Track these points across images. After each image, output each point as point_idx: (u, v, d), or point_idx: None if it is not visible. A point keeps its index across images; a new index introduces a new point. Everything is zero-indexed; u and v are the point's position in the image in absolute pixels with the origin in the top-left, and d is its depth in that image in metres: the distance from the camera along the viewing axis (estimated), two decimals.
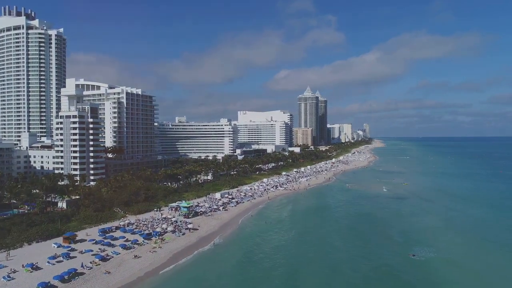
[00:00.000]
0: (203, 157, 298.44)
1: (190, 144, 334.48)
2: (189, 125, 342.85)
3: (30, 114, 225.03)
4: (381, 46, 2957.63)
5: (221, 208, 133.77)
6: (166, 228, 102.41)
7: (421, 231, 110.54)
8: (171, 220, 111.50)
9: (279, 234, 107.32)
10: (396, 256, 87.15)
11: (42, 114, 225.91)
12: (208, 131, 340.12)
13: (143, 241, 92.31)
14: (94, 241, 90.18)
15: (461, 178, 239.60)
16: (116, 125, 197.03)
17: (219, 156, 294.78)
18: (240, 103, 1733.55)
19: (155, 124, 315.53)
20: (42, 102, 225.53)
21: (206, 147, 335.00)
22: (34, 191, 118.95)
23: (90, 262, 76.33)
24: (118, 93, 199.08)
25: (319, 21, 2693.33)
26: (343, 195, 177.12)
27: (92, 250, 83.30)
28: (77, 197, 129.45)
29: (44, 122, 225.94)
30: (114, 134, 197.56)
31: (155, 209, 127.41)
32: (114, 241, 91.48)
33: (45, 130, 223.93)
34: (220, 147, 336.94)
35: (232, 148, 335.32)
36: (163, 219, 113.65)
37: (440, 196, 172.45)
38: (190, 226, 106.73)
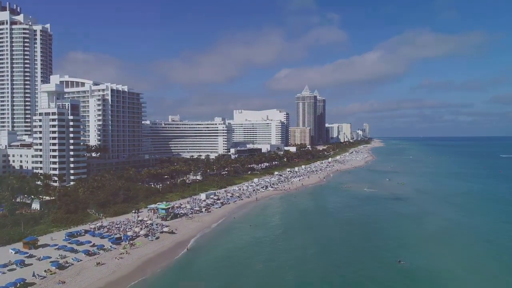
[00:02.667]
0: (196, 157, 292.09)
1: (183, 144, 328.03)
2: (182, 124, 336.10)
3: (14, 111, 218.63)
4: (383, 45, 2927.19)
5: (203, 209, 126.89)
6: (139, 232, 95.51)
7: (411, 235, 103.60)
8: (146, 223, 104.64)
9: (261, 240, 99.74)
10: (382, 262, 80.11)
11: (26, 111, 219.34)
12: (201, 130, 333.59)
13: (110, 246, 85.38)
14: (56, 247, 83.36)
15: (459, 179, 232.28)
16: (100, 123, 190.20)
17: (213, 156, 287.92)
18: (241, 103, 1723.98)
19: (147, 122, 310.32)
20: (27, 99, 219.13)
21: (200, 146, 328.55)
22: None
23: (45, 271, 69.46)
24: (103, 90, 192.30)
25: (322, 18, 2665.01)
26: (334, 196, 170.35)
27: (50, 257, 76.36)
28: (52, 198, 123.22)
29: (28, 120, 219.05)
30: (99, 133, 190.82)
31: (133, 211, 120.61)
32: (79, 246, 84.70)
33: (29, 128, 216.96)
34: (214, 146, 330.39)
35: (226, 148, 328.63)
36: (139, 221, 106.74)
37: (435, 197, 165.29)
38: (165, 229, 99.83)
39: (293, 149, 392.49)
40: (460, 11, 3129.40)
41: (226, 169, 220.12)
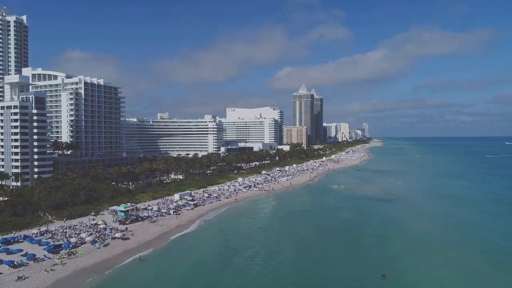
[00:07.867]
0: (183, 155, 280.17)
1: (172, 142, 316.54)
2: (171, 122, 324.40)
3: None
4: (388, 42, 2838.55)
5: (171, 211, 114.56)
6: (85, 238, 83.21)
7: (404, 242, 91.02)
8: (99, 227, 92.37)
9: (230, 247, 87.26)
10: (364, 276, 67.76)
11: None
12: (191, 128, 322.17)
13: (44, 256, 73.05)
14: None
15: (458, 179, 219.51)
16: (73, 118, 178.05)
17: (202, 154, 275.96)
18: (241, 102, 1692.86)
19: (134, 120, 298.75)
20: None
21: (189, 145, 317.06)
22: None
23: None
24: (76, 83, 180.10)
25: (326, 15, 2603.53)
26: (321, 196, 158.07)
27: None
28: (5, 198, 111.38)
29: None
30: (71, 129, 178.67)
31: (92, 213, 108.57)
32: (8, 255, 72.40)
33: None
34: (204, 145, 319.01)
35: (216, 146, 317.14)
36: (91, 225, 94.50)
37: (431, 199, 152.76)
38: (118, 235, 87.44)
39: (286, 147, 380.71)
40: (469, 7, 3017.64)
41: (211, 168, 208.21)
